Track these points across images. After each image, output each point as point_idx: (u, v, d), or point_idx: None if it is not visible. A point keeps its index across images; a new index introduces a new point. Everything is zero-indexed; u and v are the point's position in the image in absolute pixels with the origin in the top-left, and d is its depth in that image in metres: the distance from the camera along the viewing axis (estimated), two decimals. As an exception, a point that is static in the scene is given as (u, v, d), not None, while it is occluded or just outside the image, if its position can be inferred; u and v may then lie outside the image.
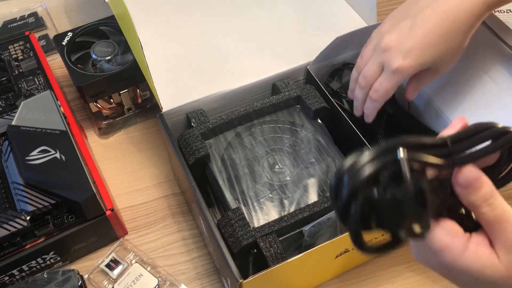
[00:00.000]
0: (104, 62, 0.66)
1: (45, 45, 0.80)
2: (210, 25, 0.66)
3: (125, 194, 0.65)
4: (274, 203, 0.50)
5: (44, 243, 0.52)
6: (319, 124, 0.57)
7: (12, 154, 0.55)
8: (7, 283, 0.53)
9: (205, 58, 0.62)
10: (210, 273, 0.58)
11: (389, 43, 0.47)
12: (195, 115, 0.56)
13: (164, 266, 0.58)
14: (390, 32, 0.48)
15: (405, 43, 0.46)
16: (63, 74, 0.77)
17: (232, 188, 0.51)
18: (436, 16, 0.45)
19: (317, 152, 0.55)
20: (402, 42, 0.46)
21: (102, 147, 0.69)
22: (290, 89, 0.59)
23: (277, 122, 0.58)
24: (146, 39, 0.58)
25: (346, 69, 0.63)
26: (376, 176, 0.24)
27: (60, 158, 0.54)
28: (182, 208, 0.64)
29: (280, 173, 0.53)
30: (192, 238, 0.61)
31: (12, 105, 0.63)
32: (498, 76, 0.53)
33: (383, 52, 0.48)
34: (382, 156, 0.24)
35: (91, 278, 0.57)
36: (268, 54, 0.63)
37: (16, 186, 0.53)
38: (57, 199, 0.52)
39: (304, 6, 0.69)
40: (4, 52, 0.69)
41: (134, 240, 0.60)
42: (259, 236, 0.46)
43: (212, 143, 0.55)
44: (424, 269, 0.58)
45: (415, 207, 0.25)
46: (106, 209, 0.55)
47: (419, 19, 0.46)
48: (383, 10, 0.87)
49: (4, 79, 0.66)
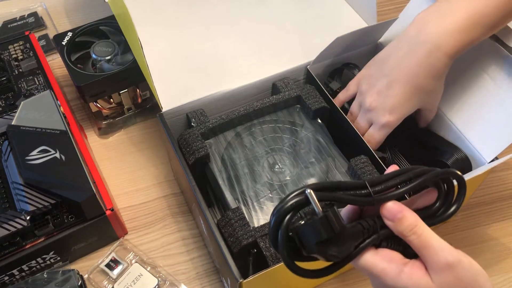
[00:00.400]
0: (104, 62, 0.66)
1: (45, 45, 0.80)
2: (210, 25, 0.66)
3: (125, 194, 0.65)
4: (274, 203, 0.50)
5: (44, 243, 0.52)
6: (319, 124, 0.57)
7: (12, 154, 0.55)
8: (7, 283, 0.53)
9: (205, 58, 0.62)
10: (210, 273, 0.58)
11: (372, 103, 0.53)
12: (195, 115, 0.56)
13: (164, 266, 0.58)
14: (370, 93, 0.53)
15: (386, 102, 0.51)
16: (63, 74, 0.77)
17: (232, 188, 0.52)
18: (407, 73, 0.50)
19: (317, 152, 0.55)
20: (383, 101, 0.52)
21: (102, 147, 0.69)
22: (290, 89, 0.59)
23: (277, 122, 0.58)
24: (146, 39, 0.57)
25: (346, 69, 0.63)
26: (295, 210, 0.31)
27: (60, 158, 0.54)
28: (182, 208, 0.64)
29: (280, 173, 0.53)
30: (192, 238, 0.61)
31: (12, 105, 0.63)
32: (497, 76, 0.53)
33: (368, 111, 0.53)
34: (298, 195, 0.31)
35: (91, 278, 0.57)
36: (268, 54, 0.63)
37: (16, 186, 0.53)
38: (57, 199, 0.52)
39: (304, 6, 0.69)
40: (4, 52, 0.69)
41: (134, 240, 0.60)
42: (259, 236, 0.46)
43: (212, 143, 0.55)
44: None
45: (325, 231, 0.30)
46: (106, 209, 0.55)
47: (393, 78, 0.51)
48: (383, 10, 0.87)
49: (4, 79, 0.66)
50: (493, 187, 0.66)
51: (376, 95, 0.52)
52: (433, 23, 0.48)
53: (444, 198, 0.34)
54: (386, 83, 0.51)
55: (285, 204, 0.30)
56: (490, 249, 0.60)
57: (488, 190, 0.66)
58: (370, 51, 0.66)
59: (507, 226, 0.62)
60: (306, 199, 0.30)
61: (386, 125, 0.52)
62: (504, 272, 0.58)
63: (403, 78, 0.50)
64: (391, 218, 0.32)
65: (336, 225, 0.30)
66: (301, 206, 0.31)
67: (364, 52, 0.65)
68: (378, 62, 0.54)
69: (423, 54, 0.49)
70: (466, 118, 0.55)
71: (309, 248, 0.31)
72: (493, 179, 0.67)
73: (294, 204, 0.30)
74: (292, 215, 0.31)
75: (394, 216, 0.32)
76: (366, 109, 0.53)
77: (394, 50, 0.52)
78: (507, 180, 0.67)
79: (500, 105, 0.52)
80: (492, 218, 0.63)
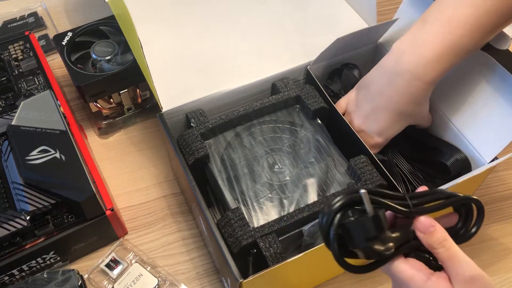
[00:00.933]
0: (104, 62, 0.66)
1: (45, 45, 0.80)
2: (210, 25, 0.66)
3: (125, 194, 0.65)
4: (274, 203, 0.50)
5: (44, 243, 0.52)
6: (319, 124, 0.57)
7: (12, 154, 0.55)
8: (7, 283, 0.53)
9: (205, 58, 0.62)
10: (210, 273, 0.58)
11: (360, 126, 0.55)
12: (195, 115, 0.56)
13: (164, 266, 0.58)
14: (358, 116, 0.55)
15: (373, 126, 0.54)
16: (63, 74, 0.77)
17: (232, 188, 0.52)
18: (390, 101, 0.51)
19: (316, 152, 0.55)
20: (371, 125, 0.54)
21: (102, 147, 0.70)
22: (289, 89, 0.59)
23: (276, 122, 0.58)
24: (146, 39, 0.57)
25: (346, 69, 0.63)
26: (345, 209, 0.34)
27: (60, 158, 0.54)
28: (182, 208, 0.64)
29: (279, 173, 0.53)
30: (192, 238, 0.61)
31: (12, 105, 0.63)
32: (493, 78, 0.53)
33: (357, 132, 0.54)
34: (350, 194, 0.34)
35: (91, 278, 0.57)
36: (268, 54, 0.63)
37: (16, 186, 0.53)
38: (57, 199, 0.52)
39: (304, 6, 0.69)
40: (4, 52, 0.69)
41: (134, 240, 0.60)
42: (259, 236, 0.46)
43: (211, 143, 0.55)
44: (423, 269, 0.58)
45: (375, 229, 0.33)
46: (106, 209, 0.55)
47: (377, 105, 0.53)
48: (383, 10, 0.87)
49: (4, 79, 0.66)
50: (493, 187, 0.66)
51: (364, 119, 0.54)
52: (410, 53, 0.49)
53: (464, 221, 0.37)
54: (372, 109, 0.53)
55: (337, 202, 0.33)
56: (490, 249, 0.60)
57: (488, 190, 0.66)
58: (370, 52, 0.66)
59: (507, 226, 0.62)
60: (359, 198, 0.34)
61: (375, 145, 0.55)
62: (503, 272, 0.58)
63: (386, 106, 0.52)
64: (423, 230, 0.35)
65: (385, 224, 0.34)
66: (349, 206, 0.34)
67: (364, 52, 0.65)
68: (363, 86, 0.55)
69: (402, 84, 0.50)
70: (466, 118, 0.55)
71: (357, 243, 0.34)
72: (493, 179, 0.67)
73: (345, 202, 0.34)
74: (343, 213, 0.34)
75: (427, 229, 0.35)
76: (355, 130, 0.55)
77: (375, 78, 0.53)
78: (507, 180, 0.67)
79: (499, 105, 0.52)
80: (491, 218, 0.63)
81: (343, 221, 0.34)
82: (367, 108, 0.54)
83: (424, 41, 0.48)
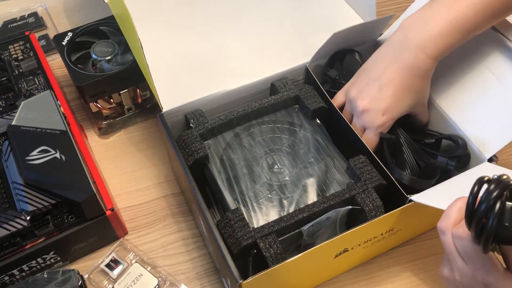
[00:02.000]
0: (104, 62, 0.66)
1: (45, 45, 0.80)
2: (210, 25, 0.66)
3: (125, 194, 0.65)
4: (274, 203, 0.51)
5: (44, 243, 0.53)
6: (318, 124, 0.57)
7: (12, 154, 0.55)
8: (7, 283, 0.54)
9: (205, 58, 0.62)
10: (210, 273, 0.58)
11: (365, 106, 0.54)
12: (194, 115, 0.56)
13: (164, 266, 0.58)
14: (361, 97, 0.54)
15: (380, 104, 0.53)
16: (63, 74, 0.77)
17: (231, 188, 0.52)
18: (398, 75, 0.53)
19: (316, 152, 0.55)
20: (377, 103, 0.53)
21: (102, 147, 0.70)
22: (288, 89, 0.59)
23: (275, 122, 0.58)
24: (146, 39, 0.58)
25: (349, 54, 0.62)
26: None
27: (60, 158, 0.54)
28: (182, 208, 0.64)
29: (279, 173, 0.53)
30: (192, 238, 0.61)
31: (12, 105, 0.63)
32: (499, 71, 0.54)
33: (361, 114, 0.54)
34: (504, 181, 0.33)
35: (91, 278, 0.57)
36: (267, 54, 0.63)
37: (16, 186, 0.53)
38: (57, 199, 0.53)
39: (304, 6, 0.69)
40: (4, 52, 0.70)
41: (134, 240, 0.61)
42: (259, 237, 0.46)
43: (211, 144, 0.56)
44: (424, 269, 0.58)
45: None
46: (106, 209, 0.55)
47: (384, 81, 0.53)
48: (382, 10, 0.87)
49: (4, 79, 0.66)
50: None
51: (368, 99, 0.54)
52: (416, 28, 0.52)
53: None
54: (378, 87, 0.54)
55: (497, 188, 0.33)
56: (490, 249, 0.60)
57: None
58: (369, 49, 0.66)
59: (507, 226, 0.62)
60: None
61: (381, 126, 0.54)
62: (503, 272, 0.58)
63: (394, 80, 0.53)
64: None
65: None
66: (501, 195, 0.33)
67: (363, 49, 0.65)
68: (366, 69, 0.56)
69: (410, 57, 0.52)
70: (466, 115, 0.56)
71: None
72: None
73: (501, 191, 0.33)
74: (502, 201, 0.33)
75: None
76: (359, 113, 0.55)
77: (382, 56, 0.55)
78: (506, 180, 0.67)
79: (501, 101, 0.53)
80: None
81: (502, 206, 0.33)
82: (373, 87, 0.54)
83: (431, 18, 0.51)
